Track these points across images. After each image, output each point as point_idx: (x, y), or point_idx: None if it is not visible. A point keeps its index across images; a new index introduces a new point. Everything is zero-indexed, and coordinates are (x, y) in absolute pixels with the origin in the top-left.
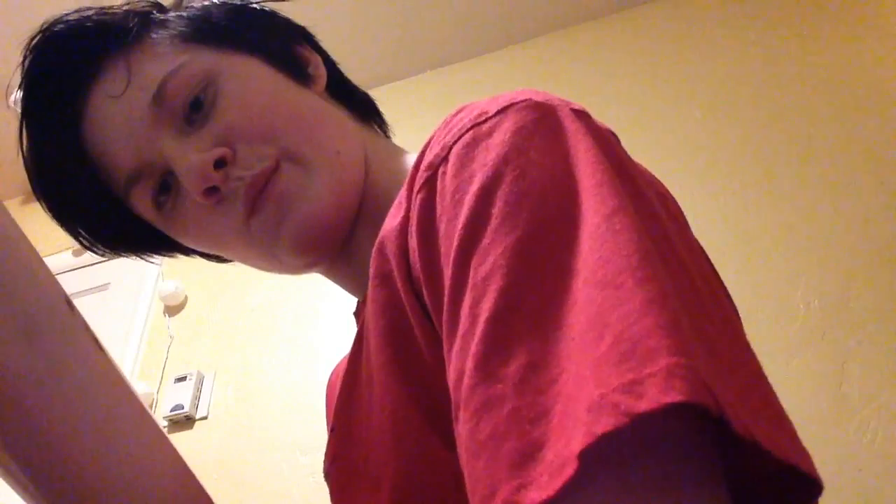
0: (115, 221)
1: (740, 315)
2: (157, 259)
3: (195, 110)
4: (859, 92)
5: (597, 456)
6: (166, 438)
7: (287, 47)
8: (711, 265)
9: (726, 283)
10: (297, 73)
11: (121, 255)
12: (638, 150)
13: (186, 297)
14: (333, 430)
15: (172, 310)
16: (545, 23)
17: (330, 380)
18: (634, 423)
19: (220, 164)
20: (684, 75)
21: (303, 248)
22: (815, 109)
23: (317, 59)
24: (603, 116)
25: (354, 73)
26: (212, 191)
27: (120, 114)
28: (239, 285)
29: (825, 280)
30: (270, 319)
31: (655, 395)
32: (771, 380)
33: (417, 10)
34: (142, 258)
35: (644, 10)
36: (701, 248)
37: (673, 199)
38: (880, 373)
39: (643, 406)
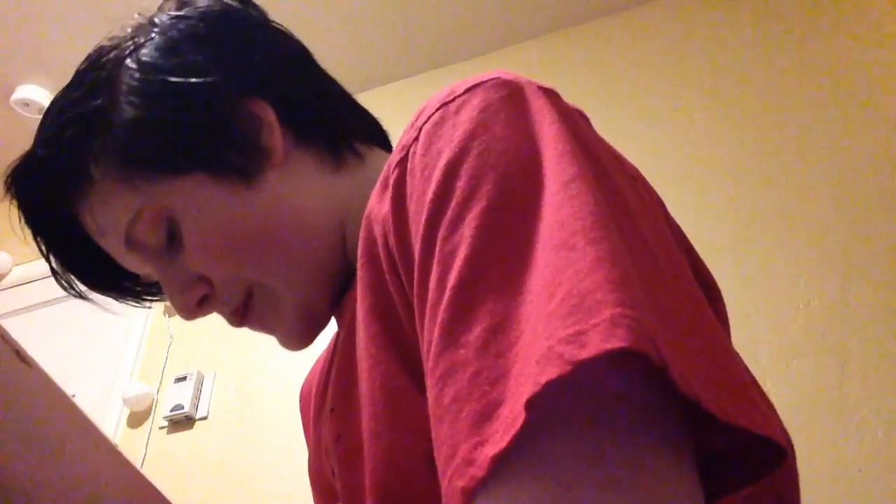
0: (127, 280)
1: (744, 312)
2: None
3: (170, 243)
4: (859, 91)
5: (548, 407)
6: (110, 444)
7: (227, 137)
8: (688, 246)
9: (726, 284)
10: (246, 166)
11: (144, 306)
12: (637, 150)
13: None
14: (334, 410)
15: (173, 310)
16: (545, 23)
17: (302, 390)
18: (578, 371)
19: (202, 300)
20: (684, 76)
21: (296, 345)
22: (814, 109)
23: (269, 119)
24: (603, 116)
25: (354, 73)
26: (200, 310)
27: (107, 247)
28: None
29: (825, 280)
30: None
31: (598, 343)
32: (771, 380)
33: (417, 11)
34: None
35: (643, 10)
36: (674, 227)
37: (645, 180)
38: (880, 373)
39: (585, 354)
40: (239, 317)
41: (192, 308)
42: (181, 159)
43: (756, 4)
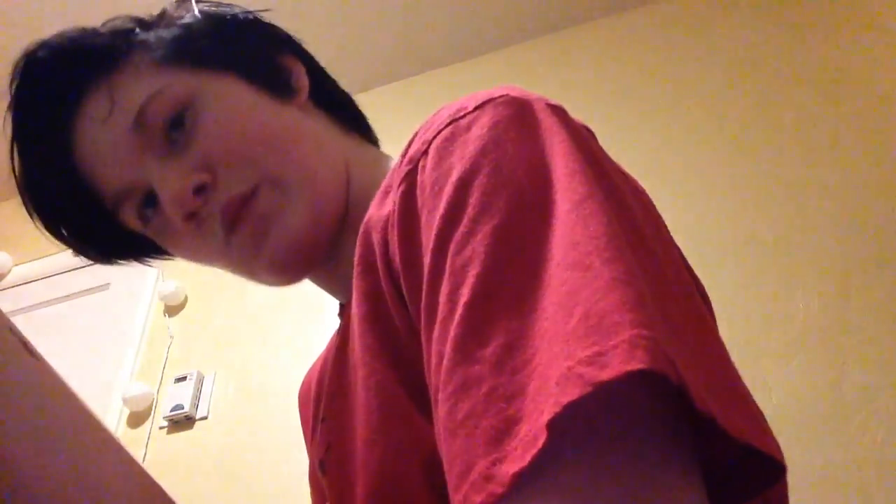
0: (109, 233)
1: (744, 312)
2: (156, 262)
3: (176, 132)
4: (860, 92)
5: (567, 427)
6: (115, 440)
7: (267, 60)
8: (685, 260)
9: (726, 284)
10: (278, 87)
11: (122, 262)
12: (637, 150)
13: (186, 297)
14: (325, 420)
15: (172, 310)
16: (545, 23)
17: (301, 390)
18: (598, 392)
19: (200, 189)
20: (683, 76)
21: (281, 268)
22: (814, 109)
23: (299, 69)
24: (602, 116)
25: (354, 73)
26: (191, 216)
27: (105, 138)
28: (239, 285)
29: (825, 280)
30: (270, 319)
31: (618, 365)
32: (771, 380)
33: (417, 11)
34: (140, 263)
35: (643, 10)
36: (674, 242)
37: (646, 194)
38: (880, 373)
39: (606, 375)
40: (233, 211)
41: (188, 195)
42: (225, 58)
43: (756, 4)
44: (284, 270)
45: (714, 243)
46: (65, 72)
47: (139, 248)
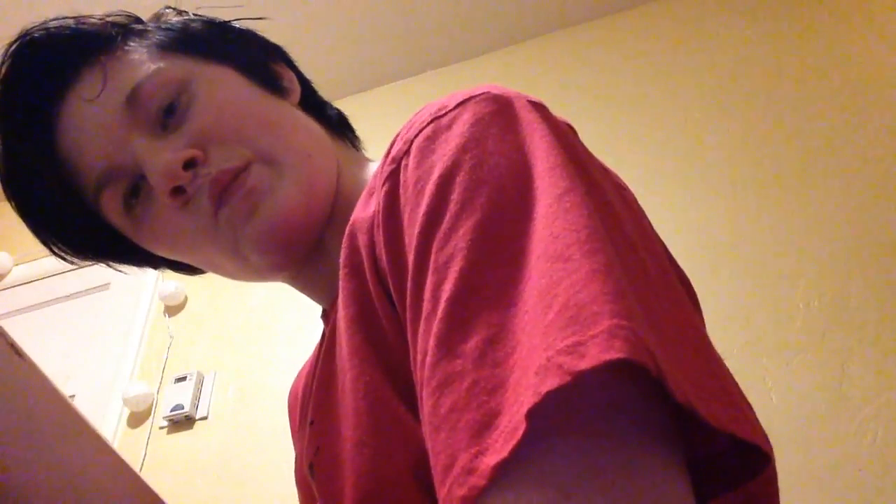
0: (85, 228)
1: (744, 312)
2: (126, 269)
3: (168, 114)
4: (860, 91)
5: (548, 417)
6: (102, 440)
7: (262, 61)
8: (668, 254)
9: (726, 284)
10: (272, 84)
11: (90, 262)
12: (637, 149)
13: (186, 297)
14: (313, 423)
15: (172, 310)
16: (545, 23)
17: (289, 398)
18: (577, 381)
19: (190, 164)
20: (683, 75)
21: (270, 245)
22: (814, 109)
23: (290, 75)
24: (602, 116)
25: (354, 73)
26: (178, 191)
27: (93, 117)
28: (239, 285)
29: (825, 280)
30: (270, 319)
31: (596, 354)
32: (771, 380)
33: (417, 11)
34: (110, 266)
35: (643, 10)
36: (656, 236)
37: (629, 190)
38: (880, 373)
39: (584, 364)
40: (224, 183)
41: (178, 168)
42: (222, 52)
43: (757, 3)
44: (271, 248)
45: (714, 243)
46: (58, 53)
47: (112, 248)
